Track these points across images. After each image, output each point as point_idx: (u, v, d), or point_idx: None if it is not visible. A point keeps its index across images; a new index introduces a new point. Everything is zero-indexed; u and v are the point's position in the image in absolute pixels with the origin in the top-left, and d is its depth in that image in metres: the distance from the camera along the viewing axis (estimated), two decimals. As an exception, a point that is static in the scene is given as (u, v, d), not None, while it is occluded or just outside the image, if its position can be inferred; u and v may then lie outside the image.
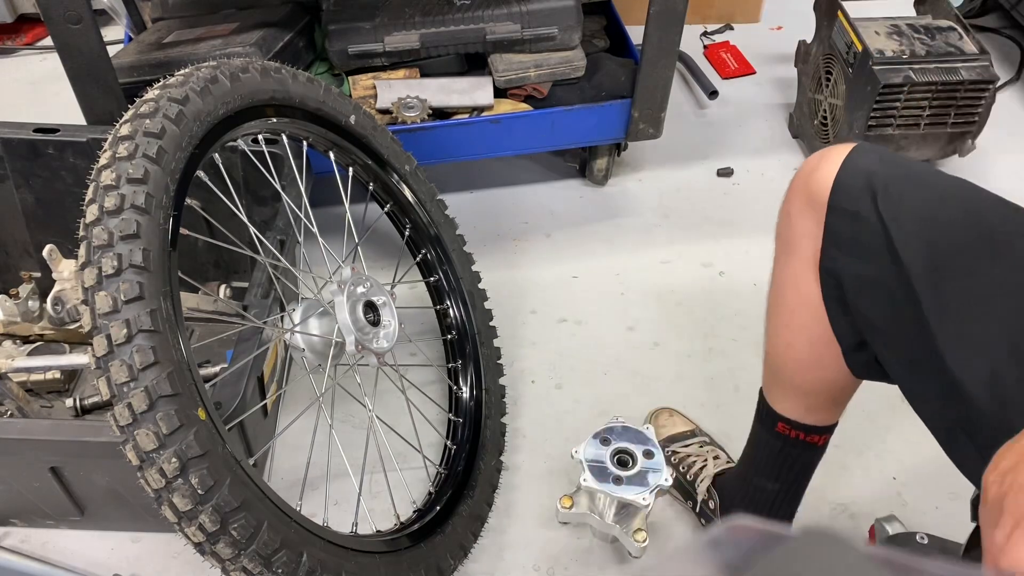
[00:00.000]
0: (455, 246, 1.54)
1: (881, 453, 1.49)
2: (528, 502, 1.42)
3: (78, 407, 1.43)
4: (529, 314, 1.75)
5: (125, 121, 1.00)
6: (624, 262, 1.86)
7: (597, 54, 1.90)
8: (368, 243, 1.66)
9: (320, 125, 1.32)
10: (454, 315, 1.52)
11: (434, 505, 1.30)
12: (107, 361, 0.89)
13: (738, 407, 1.52)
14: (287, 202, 1.33)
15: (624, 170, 2.09)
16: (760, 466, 1.21)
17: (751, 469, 1.23)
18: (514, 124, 1.77)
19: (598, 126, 1.82)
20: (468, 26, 1.74)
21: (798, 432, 1.12)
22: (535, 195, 2.04)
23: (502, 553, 1.36)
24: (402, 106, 1.71)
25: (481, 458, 1.39)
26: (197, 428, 0.90)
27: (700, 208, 2.00)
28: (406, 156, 1.49)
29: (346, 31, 1.74)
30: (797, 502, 1.23)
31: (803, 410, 1.11)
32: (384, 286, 1.31)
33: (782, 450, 1.16)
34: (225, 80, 1.11)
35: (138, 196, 0.94)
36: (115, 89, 1.47)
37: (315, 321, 1.21)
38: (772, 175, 2.08)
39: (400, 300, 1.35)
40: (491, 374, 1.50)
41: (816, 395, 1.09)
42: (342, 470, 1.30)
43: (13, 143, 1.47)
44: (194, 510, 0.90)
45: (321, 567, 0.99)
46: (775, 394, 1.13)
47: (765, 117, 2.27)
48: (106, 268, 0.90)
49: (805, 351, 1.03)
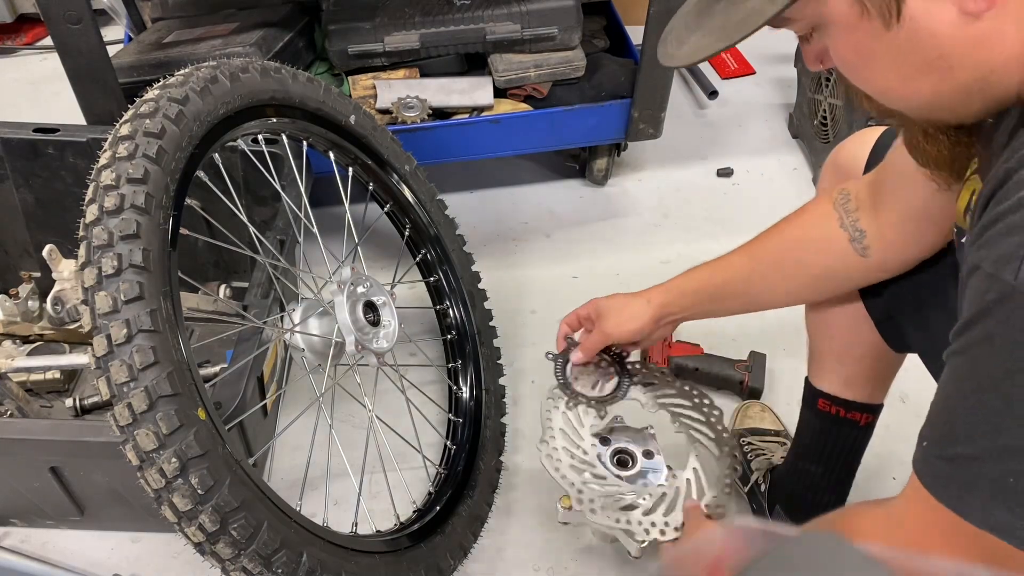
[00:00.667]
0: (455, 246, 1.54)
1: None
2: (528, 502, 1.42)
3: (78, 407, 1.43)
4: (529, 314, 1.75)
5: (125, 121, 1.00)
6: (624, 262, 1.85)
7: (597, 54, 1.90)
8: (368, 243, 1.66)
9: (320, 125, 1.32)
10: (454, 315, 1.52)
11: (434, 505, 1.30)
12: (107, 361, 0.89)
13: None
14: (287, 202, 1.33)
15: (624, 170, 2.09)
16: (805, 448, 1.24)
17: (797, 453, 1.27)
18: (514, 124, 1.77)
19: (598, 126, 1.82)
20: (468, 26, 1.74)
21: (838, 408, 1.15)
22: (535, 195, 2.04)
23: (502, 553, 1.36)
24: (402, 106, 1.71)
25: (481, 458, 1.39)
26: (197, 428, 0.90)
27: (700, 208, 2.00)
28: (406, 156, 1.49)
29: (346, 31, 1.74)
30: (846, 488, 1.24)
31: (842, 383, 1.15)
32: (384, 286, 1.31)
33: (824, 429, 1.19)
34: (225, 80, 1.11)
35: (138, 196, 0.94)
36: (115, 89, 1.47)
37: (315, 321, 1.21)
38: (772, 175, 2.07)
39: (400, 300, 1.35)
40: (491, 374, 1.50)
41: (853, 364, 1.12)
42: (342, 470, 1.30)
43: (13, 143, 1.47)
44: (194, 510, 0.90)
45: (321, 567, 0.99)
46: (815, 370, 1.18)
47: (765, 117, 2.27)
48: (106, 268, 0.90)
49: (839, 320, 1.09)
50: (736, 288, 1.11)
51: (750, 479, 1.38)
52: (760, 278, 1.09)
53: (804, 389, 1.22)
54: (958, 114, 0.70)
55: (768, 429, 1.46)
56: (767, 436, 1.44)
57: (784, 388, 1.59)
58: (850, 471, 1.23)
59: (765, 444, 1.41)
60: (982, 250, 0.61)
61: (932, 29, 0.63)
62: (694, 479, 1.15)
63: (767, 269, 1.09)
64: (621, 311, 1.17)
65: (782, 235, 1.08)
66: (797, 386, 1.25)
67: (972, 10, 0.60)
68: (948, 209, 0.88)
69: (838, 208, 1.02)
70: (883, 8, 0.63)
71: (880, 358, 1.10)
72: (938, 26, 0.62)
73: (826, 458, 1.21)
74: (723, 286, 1.12)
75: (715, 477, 1.17)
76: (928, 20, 0.62)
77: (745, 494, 1.40)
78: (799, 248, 1.06)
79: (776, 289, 1.10)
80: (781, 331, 1.67)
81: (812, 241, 1.05)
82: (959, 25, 0.62)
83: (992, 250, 0.60)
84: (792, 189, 1.99)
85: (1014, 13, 0.61)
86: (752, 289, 1.11)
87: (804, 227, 1.06)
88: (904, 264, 1.01)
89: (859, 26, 0.65)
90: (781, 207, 1.12)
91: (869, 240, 0.99)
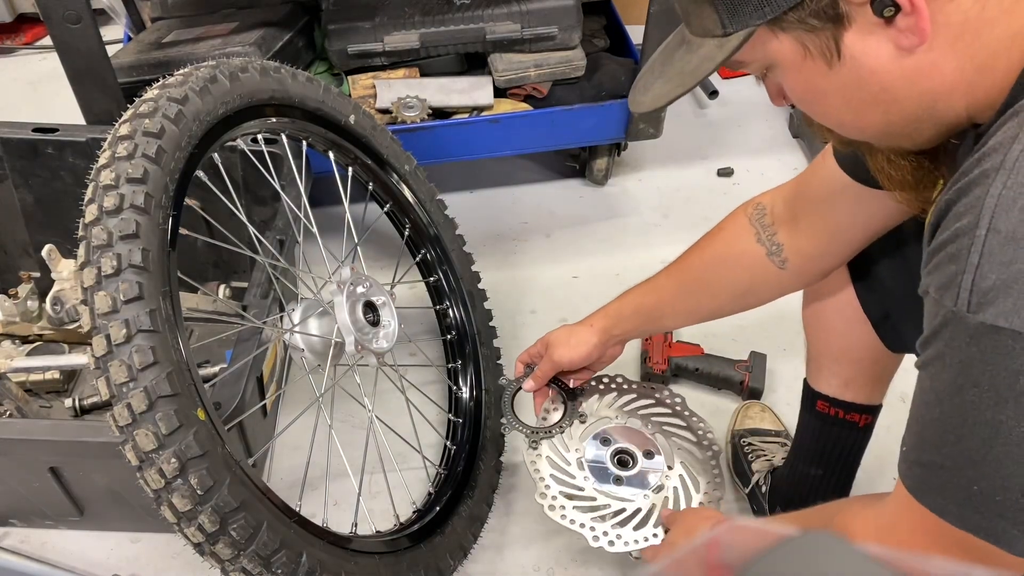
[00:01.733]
0: (455, 246, 1.54)
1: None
2: (528, 502, 1.42)
3: (77, 407, 1.44)
4: (529, 314, 1.75)
5: (124, 121, 1.00)
6: (624, 262, 1.85)
7: (597, 53, 1.90)
8: (368, 243, 1.66)
9: (319, 125, 1.32)
10: (454, 315, 1.52)
11: (434, 506, 1.30)
12: (106, 361, 0.89)
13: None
14: (286, 202, 1.32)
15: (624, 170, 2.09)
16: (804, 451, 1.25)
17: (796, 455, 1.27)
18: (514, 124, 1.77)
19: (598, 126, 1.82)
20: (468, 26, 1.74)
21: (837, 410, 1.16)
22: (535, 195, 2.04)
23: (502, 553, 1.36)
24: (402, 106, 1.71)
25: (481, 458, 1.39)
26: (196, 428, 0.90)
27: (700, 208, 2.00)
28: (406, 156, 1.48)
29: (346, 31, 1.74)
30: (846, 490, 1.25)
31: (841, 385, 1.15)
32: (384, 286, 1.31)
33: (823, 431, 1.19)
34: (224, 80, 1.11)
35: (137, 196, 0.93)
36: (114, 89, 1.47)
37: (314, 321, 1.21)
38: (772, 175, 2.07)
39: (400, 300, 1.35)
40: (491, 374, 1.50)
41: (851, 365, 1.13)
42: (342, 470, 1.29)
43: (12, 143, 1.47)
44: (193, 510, 0.89)
45: (320, 568, 0.99)
46: (813, 372, 1.19)
47: (765, 117, 2.27)
48: (105, 268, 0.90)
49: (836, 322, 1.10)
50: (666, 309, 1.18)
51: (751, 480, 1.38)
52: (686, 296, 1.16)
53: (803, 391, 1.23)
54: (914, 140, 0.73)
55: (768, 429, 1.46)
56: (767, 437, 1.44)
57: (784, 388, 1.59)
58: (850, 473, 1.23)
59: (766, 445, 1.41)
60: (929, 276, 0.66)
61: (871, 66, 0.66)
62: (681, 484, 1.19)
63: (692, 288, 1.15)
64: (568, 340, 1.23)
65: (702, 254, 1.13)
66: (797, 386, 1.25)
67: (905, 45, 0.64)
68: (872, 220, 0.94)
69: (754, 223, 1.07)
70: (823, 48, 0.66)
71: (878, 359, 1.11)
72: (876, 62, 0.66)
73: (826, 460, 1.21)
74: (655, 308, 1.19)
75: (702, 470, 1.20)
76: (866, 58, 0.66)
77: (746, 495, 1.40)
78: (720, 266, 1.11)
79: (703, 306, 1.16)
80: (782, 331, 1.67)
81: (731, 257, 1.09)
82: (896, 60, 0.65)
83: (936, 277, 0.64)
84: (792, 189, 1.99)
85: (946, 44, 0.64)
86: (681, 308, 1.17)
87: (723, 244, 1.11)
88: (823, 274, 1.06)
89: (804, 66, 0.69)
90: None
91: (787, 253, 1.04)
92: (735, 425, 1.49)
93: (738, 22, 0.68)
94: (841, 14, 0.64)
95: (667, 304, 1.17)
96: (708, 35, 0.71)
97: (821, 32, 0.65)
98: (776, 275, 1.06)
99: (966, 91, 0.66)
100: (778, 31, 0.67)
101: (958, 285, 0.61)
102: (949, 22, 0.63)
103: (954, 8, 0.63)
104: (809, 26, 0.65)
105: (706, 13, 0.70)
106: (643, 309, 1.19)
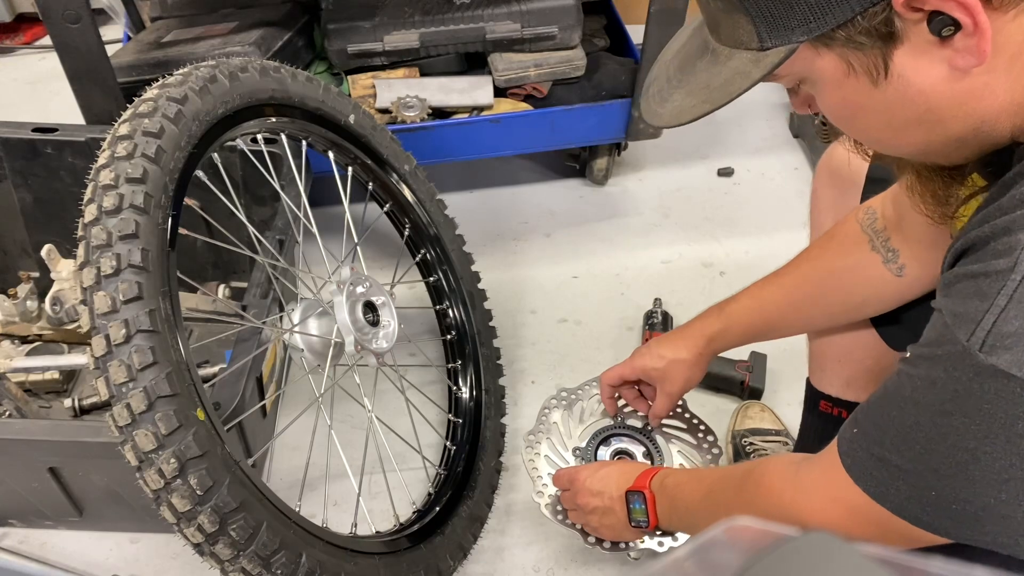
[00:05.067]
0: (455, 246, 1.54)
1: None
2: (528, 502, 1.42)
3: (76, 407, 1.43)
4: (529, 314, 1.75)
5: (124, 120, 1.00)
6: (624, 262, 1.85)
7: (597, 53, 1.89)
8: (368, 243, 1.66)
9: (319, 124, 1.32)
10: (454, 315, 1.52)
11: (433, 506, 1.30)
12: (106, 361, 0.88)
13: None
14: (286, 202, 1.32)
15: (624, 170, 2.09)
16: (806, 451, 1.23)
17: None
18: (514, 124, 1.76)
19: (598, 125, 1.82)
20: (468, 25, 1.74)
21: (840, 409, 1.15)
22: (535, 195, 2.04)
23: (502, 553, 1.36)
24: (402, 105, 1.71)
25: (481, 459, 1.39)
26: (196, 428, 0.90)
27: (701, 208, 2.00)
28: (406, 156, 1.48)
29: (345, 30, 1.73)
30: None
31: (843, 384, 1.15)
32: (383, 286, 1.31)
33: (826, 431, 1.18)
34: (224, 79, 1.10)
35: (137, 196, 0.93)
36: (114, 88, 1.47)
37: (314, 321, 1.20)
38: (773, 175, 2.07)
39: (400, 300, 1.34)
40: (491, 374, 1.50)
41: (853, 365, 1.12)
42: (341, 471, 1.29)
43: (12, 143, 1.47)
44: (193, 511, 0.89)
45: (320, 568, 0.99)
46: (815, 371, 1.18)
47: (765, 117, 2.27)
48: (105, 268, 0.90)
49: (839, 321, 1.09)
50: (777, 325, 1.12)
51: None
52: (797, 313, 1.10)
53: (805, 391, 1.22)
54: (952, 159, 0.71)
55: (769, 429, 1.46)
56: (768, 436, 1.44)
57: (785, 388, 1.59)
58: None
59: (767, 444, 1.41)
60: (947, 299, 0.64)
61: (920, 86, 0.62)
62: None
63: (805, 304, 1.09)
64: (676, 373, 1.16)
65: (815, 265, 1.07)
66: (798, 386, 1.25)
67: (961, 66, 0.60)
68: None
69: (866, 229, 1.01)
70: (869, 66, 0.62)
71: (880, 358, 1.10)
72: (926, 82, 0.62)
73: None
74: (764, 326, 1.12)
75: (700, 462, 1.21)
76: (916, 77, 0.62)
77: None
78: (834, 278, 1.05)
79: (816, 321, 1.11)
80: (781, 331, 1.66)
81: (846, 269, 1.03)
82: (948, 81, 0.61)
83: (954, 302, 0.63)
84: (793, 189, 1.99)
85: (1003, 66, 0.61)
86: (794, 324, 1.12)
87: (835, 255, 1.05)
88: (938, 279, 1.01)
89: (846, 83, 0.64)
90: (782, 207, 1.11)
91: (903, 259, 0.98)
92: (735, 425, 1.49)
93: (778, 37, 0.62)
94: (895, 32, 0.60)
95: (776, 321, 1.11)
96: (740, 47, 0.65)
97: (870, 50, 0.61)
98: (895, 284, 1.00)
99: (1015, 112, 0.63)
100: (821, 48, 0.63)
101: (976, 322, 0.60)
102: (1009, 42, 0.60)
103: (1016, 28, 0.59)
104: (857, 43, 0.61)
105: (740, 24, 0.64)
106: (752, 330, 1.13)
